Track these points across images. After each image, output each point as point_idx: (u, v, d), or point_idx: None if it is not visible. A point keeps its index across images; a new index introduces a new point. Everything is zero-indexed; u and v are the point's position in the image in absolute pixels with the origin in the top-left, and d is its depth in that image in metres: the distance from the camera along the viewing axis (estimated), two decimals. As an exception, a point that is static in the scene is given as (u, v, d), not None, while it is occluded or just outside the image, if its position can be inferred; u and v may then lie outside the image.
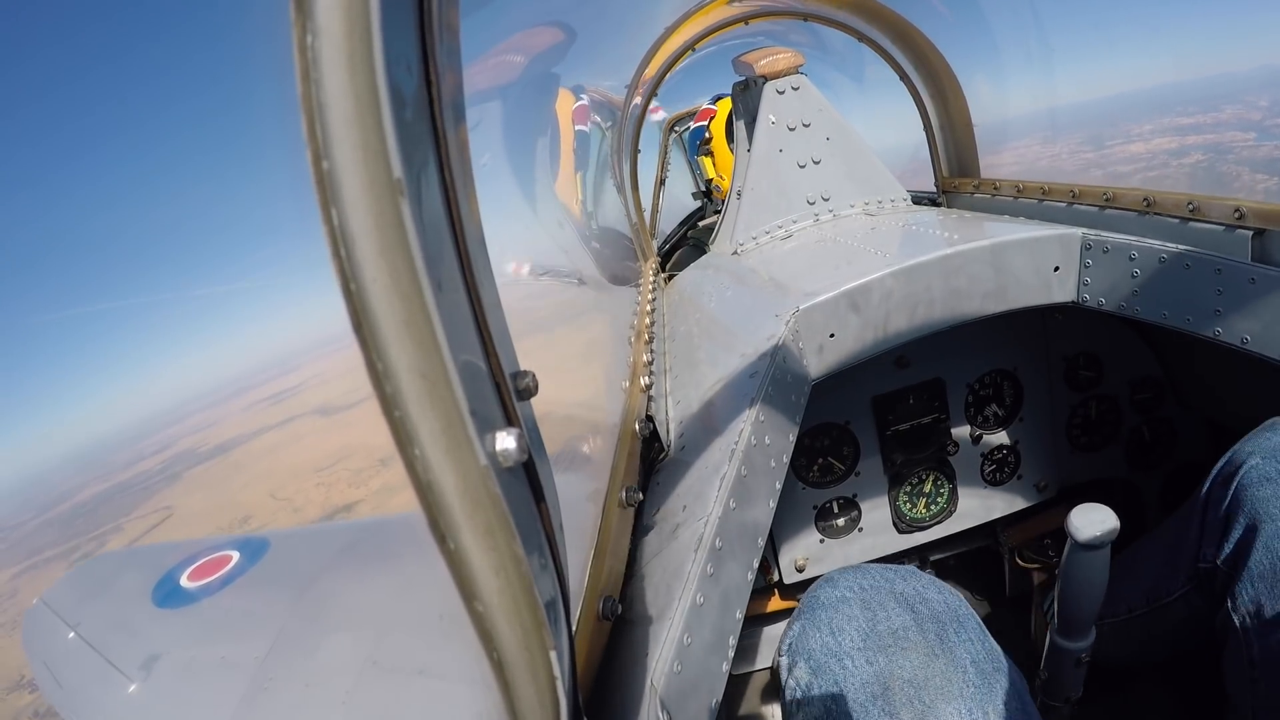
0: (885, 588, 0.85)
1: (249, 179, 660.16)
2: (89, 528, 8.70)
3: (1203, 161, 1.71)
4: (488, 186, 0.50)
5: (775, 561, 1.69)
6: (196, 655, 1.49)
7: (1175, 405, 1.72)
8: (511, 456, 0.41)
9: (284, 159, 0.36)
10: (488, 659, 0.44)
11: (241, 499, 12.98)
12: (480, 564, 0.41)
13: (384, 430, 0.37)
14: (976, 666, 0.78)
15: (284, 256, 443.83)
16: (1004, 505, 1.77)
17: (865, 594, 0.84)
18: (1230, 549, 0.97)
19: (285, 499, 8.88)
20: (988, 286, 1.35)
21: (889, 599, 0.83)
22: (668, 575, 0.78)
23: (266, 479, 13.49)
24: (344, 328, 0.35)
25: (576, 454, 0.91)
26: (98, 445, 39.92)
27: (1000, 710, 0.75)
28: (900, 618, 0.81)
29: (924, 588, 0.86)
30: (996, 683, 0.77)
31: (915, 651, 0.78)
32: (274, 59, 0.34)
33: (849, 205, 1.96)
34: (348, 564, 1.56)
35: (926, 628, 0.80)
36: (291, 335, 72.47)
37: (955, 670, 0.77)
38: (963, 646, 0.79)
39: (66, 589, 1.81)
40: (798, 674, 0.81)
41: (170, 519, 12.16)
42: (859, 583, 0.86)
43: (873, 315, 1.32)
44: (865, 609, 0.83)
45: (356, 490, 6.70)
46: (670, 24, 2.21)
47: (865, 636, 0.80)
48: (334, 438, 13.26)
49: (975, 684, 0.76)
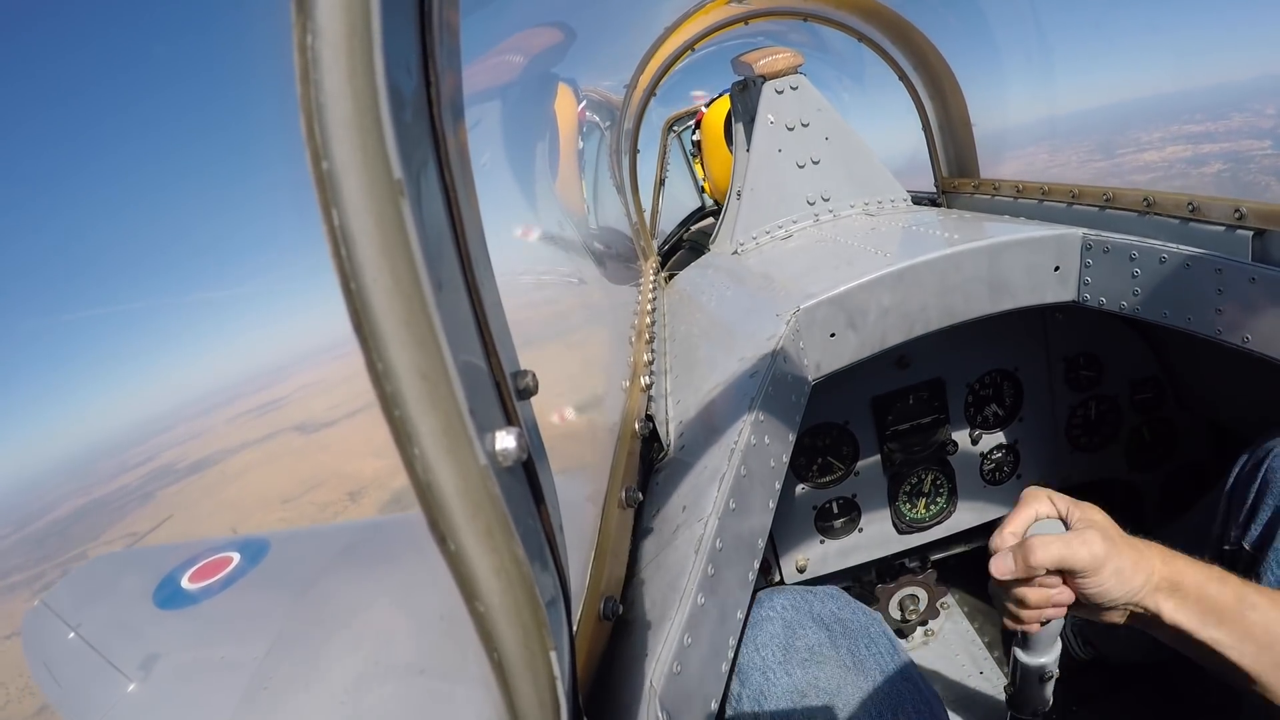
0: (804, 608, 0.94)
1: (248, 181, 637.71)
2: (59, 550, 8.64)
3: (1225, 170, 1.71)
4: (488, 186, 0.50)
5: (776, 562, 1.69)
6: (197, 656, 1.49)
7: (1175, 405, 1.72)
8: (511, 456, 0.41)
9: (284, 160, 0.36)
10: (488, 659, 0.44)
11: (204, 532, 12.96)
12: (481, 564, 0.41)
13: (355, 459, 0.37)
14: (885, 676, 0.87)
15: (282, 263, 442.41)
16: (1003, 505, 1.76)
17: (785, 614, 0.93)
18: (1258, 531, 1.00)
19: (246, 534, 8.90)
20: (988, 286, 1.35)
21: (806, 619, 0.93)
22: (668, 576, 0.78)
23: (233, 508, 13.53)
24: (336, 337, 0.35)
25: (576, 454, 0.91)
26: (87, 451, 39.95)
27: (909, 713, 0.85)
28: (816, 635, 0.91)
29: (840, 609, 0.95)
30: (904, 691, 0.86)
31: (830, 664, 0.87)
32: (274, 59, 0.34)
33: (849, 205, 1.96)
34: (348, 565, 1.56)
35: (839, 644, 0.90)
36: (286, 343, 72.33)
37: (865, 680, 0.86)
38: (873, 659, 0.89)
39: (67, 591, 1.81)
40: (732, 684, 0.90)
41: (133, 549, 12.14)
42: (780, 602, 0.95)
43: (873, 315, 1.32)
44: (785, 627, 0.92)
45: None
46: (670, 24, 2.21)
47: (785, 651, 0.89)
48: (307, 462, 13.30)
49: (885, 692, 0.85)
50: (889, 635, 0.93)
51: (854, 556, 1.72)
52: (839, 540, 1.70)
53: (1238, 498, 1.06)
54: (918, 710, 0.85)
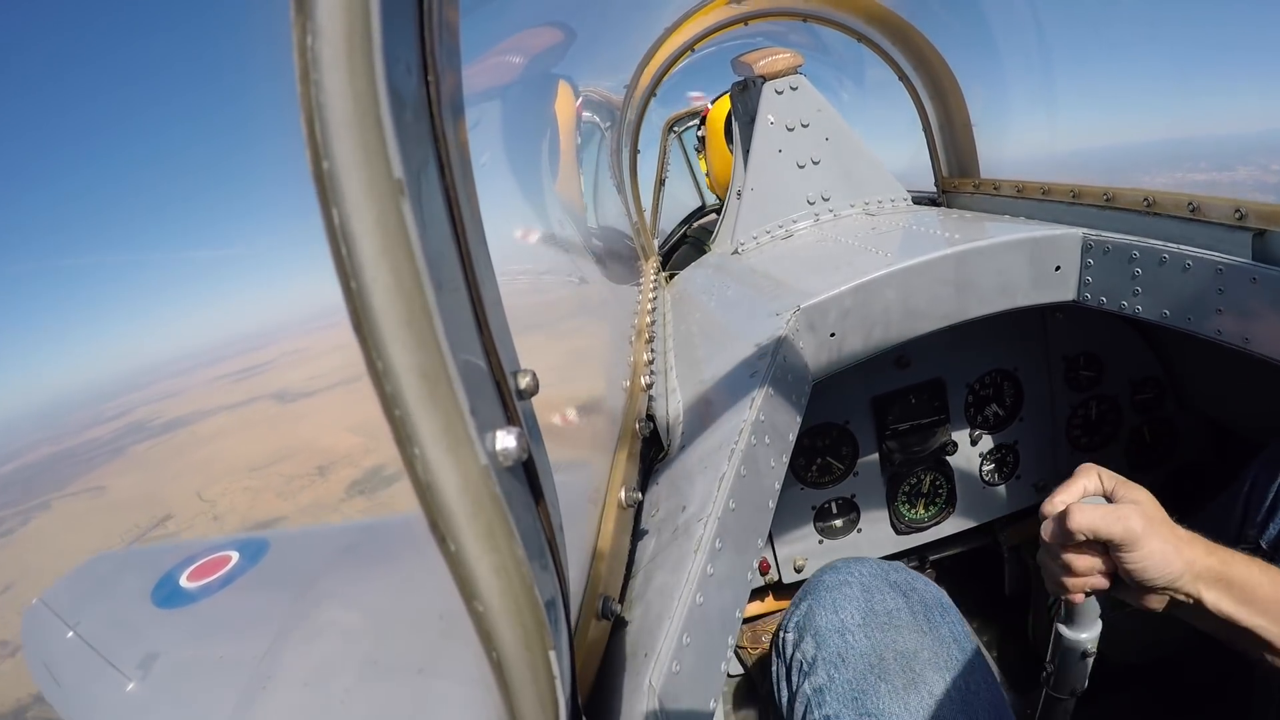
0: (881, 575, 0.97)
1: (248, 178, 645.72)
2: (21, 498, 8.51)
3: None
4: (488, 186, 0.50)
5: (774, 561, 1.69)
6: (197, 655, 1.49)
7: (1176, 405, 1.72)
8: (512, 455, 0.41)
9: (283, 158, 0.36)
10: (488, 659, 0.44)
11: (168, 493, 12.77)
12: (480, 564, 0.41)
13: (329, 434, 0.37)
14: (958, 644, 0.90)
15: (279, 229, 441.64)
16: (1003, 505, 1.77)
17: (864, 579, 0.96)
18: (1277, 529, 1.01)
19: (209, 501, 8.80)
20: (988, 286, 1.35)
21: (884, 585, 0.95)
22: (667, 575, 0.78)
23: (201, 472, 13.36)
24: (326, 306, 0.35)
25: (576, 454, 0.91)
26: (65, 399, 39.55)
27: (977, 680, 0.87)
28: (894, 600, 0.93)
29: (913, 579, 0.98)
30: (975, 659, 0.89)
31: (907, 629, 0.90)
32: (274, 59, 0.34)
33: (849, 205, 1.96)
34: (347, 565, 1.56)
35: (916, 610, 0.92)
36: (278, 307, 71.59)
37: (940, 646, 0.89)
38: (946, 627, 0.92)
39: (66, 589, 1.81)
40: (804, 647, 0.93)
41: (93, 508, 11.89)
42: (858, 570, 0.98)
43: (873, 315, 1.32)
44: (864, 592, 0.94)
45: (282, 503, 6.57)
46: (670, 24, 2.21)
47: (864, 615, 0.91)
48: (280, 432, 13.19)
49: (957, 658, 0.88)
50: (955, 608, 0.97)
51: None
52: (838, 540, 1.70)
53: (1257, 495, 1.07)
54: (985, 680, 0.88)
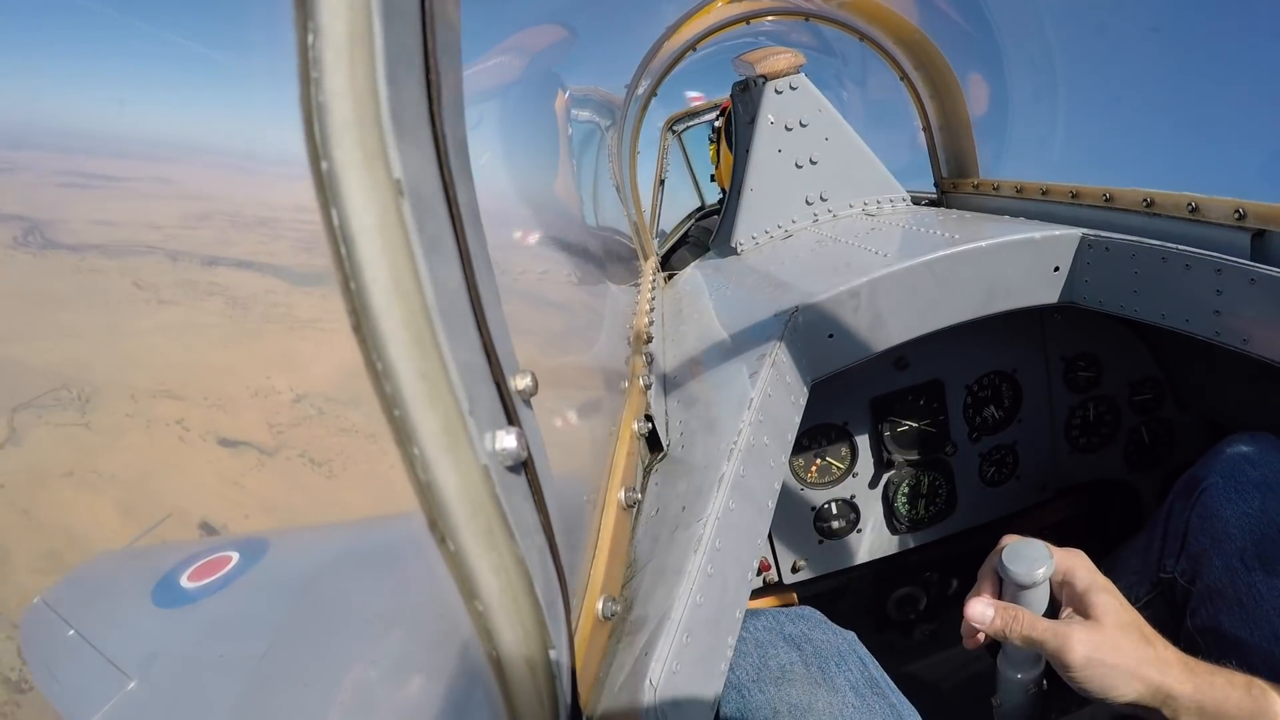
0: (775, 629, 0.99)
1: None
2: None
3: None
4: (488, 186, 0.50)
5: (774, 561, 1.69)
6: (197, 654, 1.49)
7: (1174, 406, 1.72)
8: (511, 456, 0.42)
9: (284, 159, 0.36)
10: (487, 659, 0.44)
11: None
12: (480, 564, 0.41)
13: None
14: (856, 693, 0.91)
15: None
16: (1002, 506, 1.77)
17: (757, 634, 0.98)
18: (1187, 564, 1.03)
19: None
20: (987, 287, 1.35)
21: (778, 639, 0.97)
22: (667, 575, 0.78)
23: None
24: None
25: (576, 454, 0.91)
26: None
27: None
28: (787, 655, 0.95)
29: (810, 629, 1.00)
30: (874, 705, 0.90)
31: (800, 682, 0.92)
32: (274, 59, 0.34)
33: (848, 205, 1.96)
34: (347, 564, 1.56)
35: (810, 663, 0.94)
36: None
37: (836, 696, 0.90)
38: (842, 676, 0.93)
39: (66, 588, 1.81)
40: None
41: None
42: (753, 625, 0.99)
43: (872, 316, 1.32)
44: (758, 647, 0.96)
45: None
46: (670, 24, 2.21)
47: (758, 671, 0.94)
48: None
49: (854, 705, 0.89)
50: (860, 654, 0.98)
51: (852, 558, 1.72)
52: (837, 541, 1.70)
53: (1173, 526, 1.07)
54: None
